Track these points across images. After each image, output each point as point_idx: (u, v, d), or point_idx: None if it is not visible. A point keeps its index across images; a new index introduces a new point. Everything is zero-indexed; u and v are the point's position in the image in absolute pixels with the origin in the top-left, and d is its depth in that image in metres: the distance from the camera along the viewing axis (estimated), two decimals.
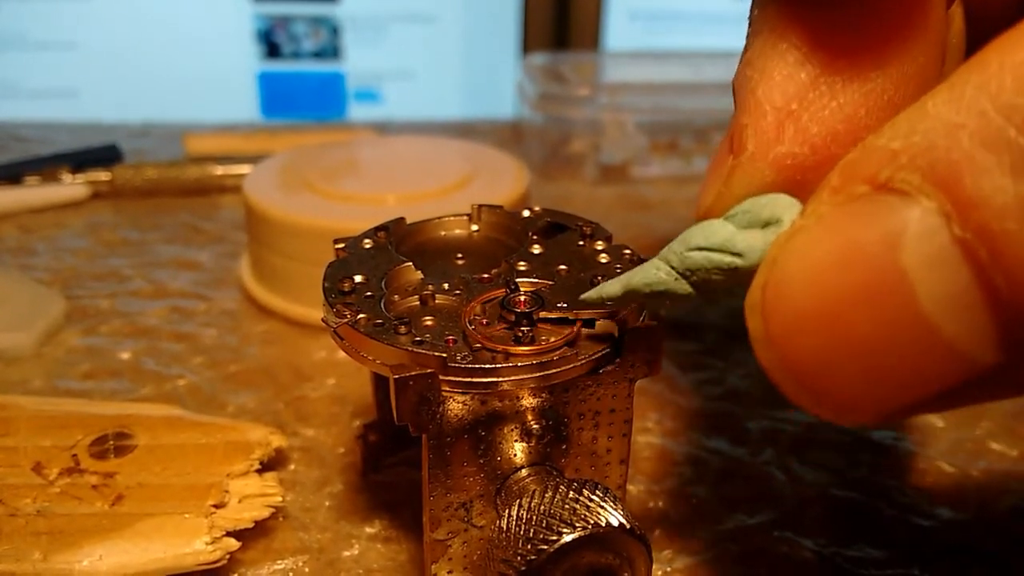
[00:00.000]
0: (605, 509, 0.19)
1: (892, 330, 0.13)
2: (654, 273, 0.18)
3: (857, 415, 0.15)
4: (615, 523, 0.19)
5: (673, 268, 0.17)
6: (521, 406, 0.20)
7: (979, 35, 0.21)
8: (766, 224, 0.16)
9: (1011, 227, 0.12)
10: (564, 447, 0.21)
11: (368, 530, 0.26)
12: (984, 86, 0.12)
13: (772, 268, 0.15)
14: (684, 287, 0.17)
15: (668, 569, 0.25)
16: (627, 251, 0.23)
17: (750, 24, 0.18)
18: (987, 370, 0.13)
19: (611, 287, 0.19)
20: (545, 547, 0.18)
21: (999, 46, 0.12)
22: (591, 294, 0.19)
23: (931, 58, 0.17)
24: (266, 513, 0.25)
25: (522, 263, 0.22)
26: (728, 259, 0.16)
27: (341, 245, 0.23)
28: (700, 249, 0.17)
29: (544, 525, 0.19)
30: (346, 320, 0.20)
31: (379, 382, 0.27)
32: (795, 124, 0.17)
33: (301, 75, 0.99)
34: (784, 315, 0.14)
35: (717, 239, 0.17)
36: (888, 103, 0.17)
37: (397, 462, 0.28)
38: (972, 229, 0.12)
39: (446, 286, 0.22)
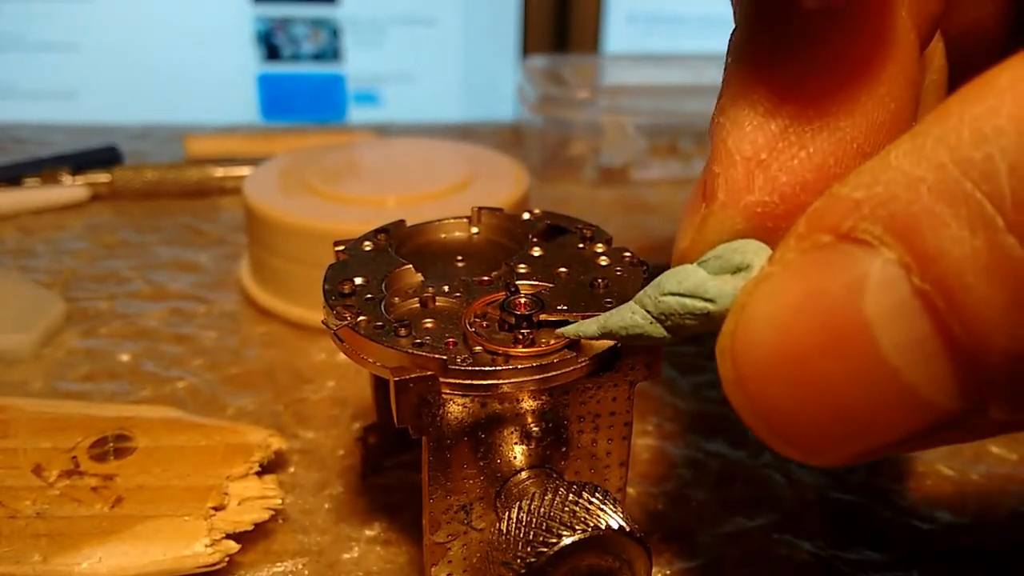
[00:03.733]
0: (605, 512, 0.19)
1: (856, 376, 0.13)
2: (630, 317, 0.18)
3: (825, 457, 0.15)
4: (615, 525, 0.19)
5: (648, 312, 0.18)
6: (521, 408, 0.20)
7: (964, 70, 0.21)
8: (737, 270, 0.17)
9: (968, 280, 0.12)
10: (564, 450, 0.21)
11: (368, 532, 0.26)
12: (944, 139, 0.12)
13: (740, 314, 0.15)
14: (659, 331, 0.18)
15: (667, 572, 0.25)
16: (627, 254, 0.23)
17: (724, 72, 0.19)
18: (950, 415, 0.13)
19: (588, 327, 0.19)
20: (545, 549, 0.18)
21: (960, 98, 0.12)
22: (569, 330, 0.20)
23: (902, 105, 0.18)
24: (266, 515, 0.25)
25: (522, 265, 0.22)
26: (700, 304, 0.17)
27: (341, 247, 0.24)
28: (673, 294, 0.17)
29: (544, 528, 0.19)
30: (346, 322, 0.20)
31: (379, 384, 0.27)
32: (765, 173, 0.18)
33: (301, 77, 0.99)
34: (752, 360, 0.15)
35: (689, 284, 0.17)
36: (858, 151, 0.17)
37: (397, 464, 0.28)
38: (931, 280, 0.12)
39: (446, 288, 0.22)
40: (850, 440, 0.14)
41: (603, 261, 0.23)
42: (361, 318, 0.20)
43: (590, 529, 0.18)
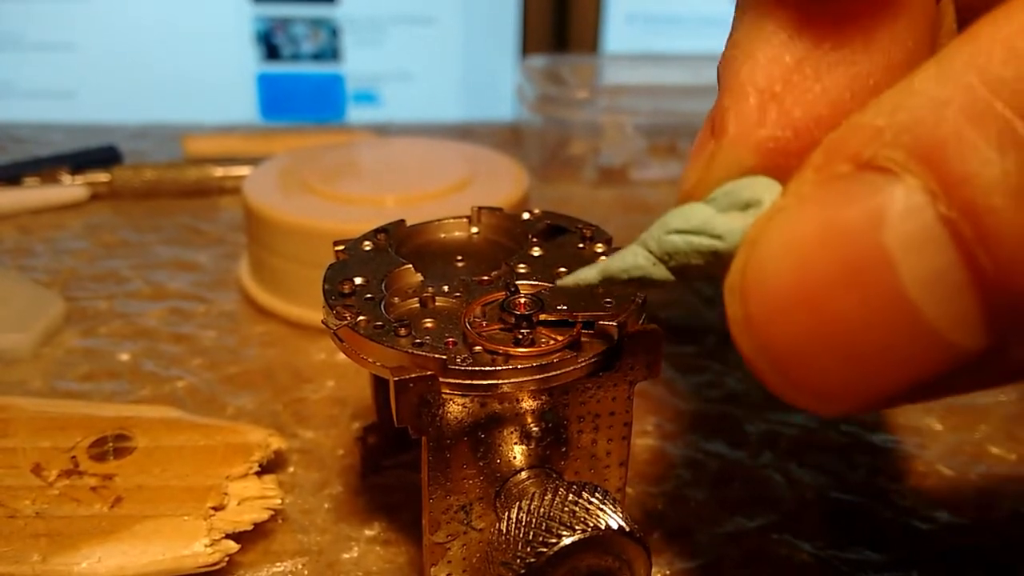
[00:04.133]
0: (604, 512, 0.19)
1: (874, 313, 0.13)
2: (632, 259, 0.17)
3: (836, 403, 0.14)
4: (614, 525, 0.19)
5: (651, 253, 0.17)
6: (521, 408, 0.20)
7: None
8: (746, 206, 0.16)
9: (998, 203, 0.11)
10: (564, 450, 0.21)
11: (367, 532, 0.26)
12: (972, 60, 0.12)
13: (752, 249, 0.14)
14: (663, 272, 0.17)
15: (667, 572, 0.25)
16: None
17: (736, 6, 0.18)
18: (972, 356, 0.13)
19: (588, 272, 0.18)
20: (544, 549, 0.18)
21: (990, 20, 0.12)
22: (567, 280, 0.19)
23: (919, 44, 0.17)
24: (265, 515, 0.25)
25: (522, 265, 0.22)
26: (707, 242, 0.16)
27: (341, 247, 0.24)
28: (679, 232, 0.16)
29: (543, 528, 0.19)
30: (346, 322, 0.20)
31: (379, 384, 0.27)
32: (778, 107, 0.17)
33: (300, 77, 0.99)
34: (764, 296, 0.14)
35: (696, 221, 0.16)
36: (874, 88, 0.17)
37: (396, 464, 0.28)
38: (958, 206, 0.12)
39: (446, 288, 0.22)
40: (863, 384, 0.14)
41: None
42: (361, 318, 0.20)
43: (590, 529, 0.18)
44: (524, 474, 0.21)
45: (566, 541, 0.18)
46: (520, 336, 0.19)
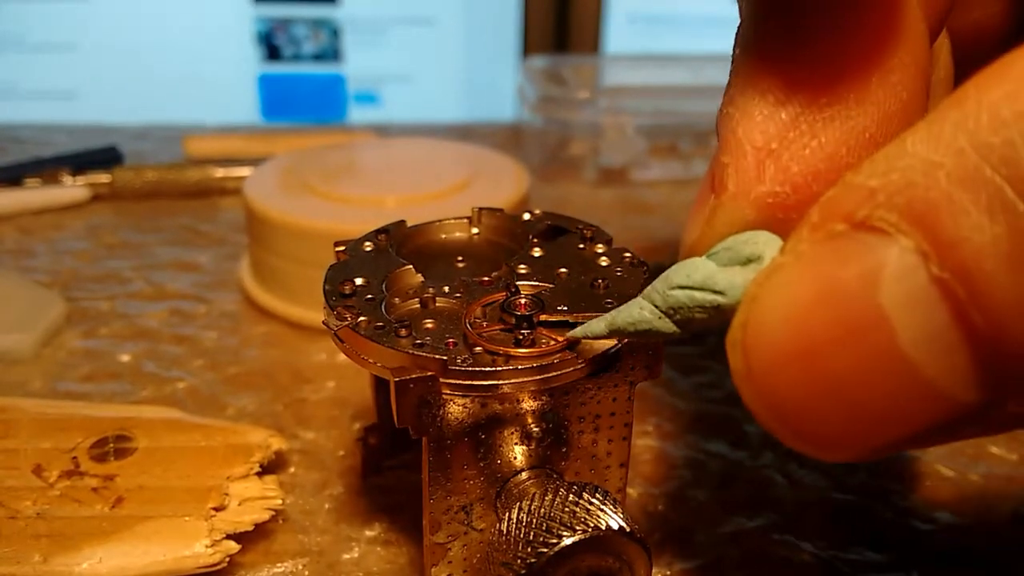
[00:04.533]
0: (605, 512, 0.19)
1: (872, 369, 0.13)
2: (638, 312, 0.18)
3: (838, 452, 0.15)
4: (615, 526, 0.19)
5: (657, 307, 0.17)
6: (521, 409, 0.20)
7: (969, 70, 0.21)
8: (747, 261, 0.16)
9: (989, 267, 0.12)
10: (564, 450, 0.21)
11: (368, 533, 0.26)
12: (962, 124, 0.12)
13: (752, 305, 0.15)
14: (668, 326, 0.17)
15: (668, 572, 0.25)
16: (627, 254, 0.23)
17: (732, 62, 0.18)
18: (969, 408, 0.13)
19: (596, 326, 0.19)
20: (545, 550, 0.18)
21: (977, 83, 0.12)
22: (576, 332, 0.19)
23: (914, 95, 0.17)
24: (266, 516, 0.25)
25: (522, 266, 0.22)
26: (710, 297, 0.16)
27: (341, 248, 0.24)
28: (682, 288, 0.17)
29: (544, 528, 0.19)
30: (347, 323, 0.20)
31: (379, 385, 0.27)
32: (776, 163, 0.17)
33: (301, 77, 0.99)
34: (764, 352, 0.14)
35: (698, 277, 0.17)
36: (870, 141, 0.17)
37: (397, 465, 0.28)
38: (950, 269, 0.12)
39: (447, 289, 0.22)
40: (865, 435, 0.14)
41: (603, 261, 0.23)
42: (361, 318, 0.20)
43: (590, 529, 0.18)
44: (525, 474, 0.21)
45: (567, 541, 0.18)
46: (521, 337, 0.19)
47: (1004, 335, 0.12)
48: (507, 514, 0.19)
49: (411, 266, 0.22)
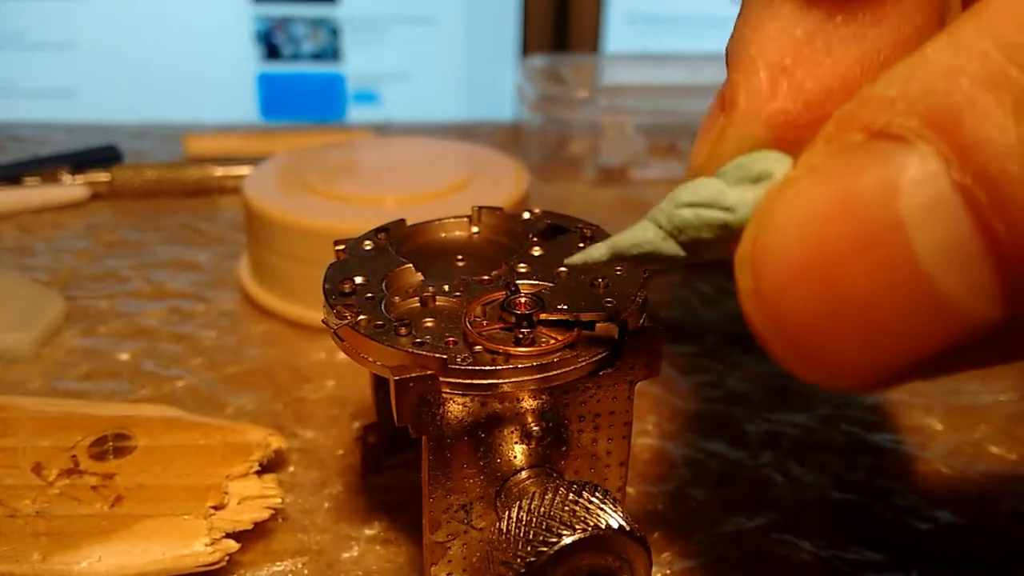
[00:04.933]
0: (605, 511, 0.19)
1: (888, 283, 0.13)
2: (641, 233, 0.17)
3: (849, 378, 0.14)
4: (615, 525, 0.19)
5: (661, 227, 0.17)
6: (521, 408, 0.20)
7: None
8: (757, 179, 0.16)
9: (1013, 169, 0.11)
10: (564, 449, 0.21)
11: (367, 532, 0.26)
12: (984, 27, 0.12)
13: (763, 220, 0.14)
14: (673, 247, 0.17)
15: (667, 572, 0.25)
16: None
17: None
18: (987, 326, 0.13)
19: (597, 250, 0.18)
20: (545, 549, 0.18)
21: None
22: (576, 258, 0.19)
23: (928, 21, 0.17)
24: (265, 515, 0.25)
25: (522, 265, 0.22)
26: (718, 215, 0.16)
27: (341, 246, 0.24)
28: (689, 205, 0.16)
29: (544, 527, 0.19)
30: (346, 321, 0.20)
31: (379, 384, 0.27)
32: (789, 80, 0.17)
33: (301, 76, 0.99)
34: (775, 268, 0.14)
35: (706, 194, 0.16)
36: (884, 62, 0.17)
37: (396, 464, 0.28)
38: (972, 173, 0.12)
39: (446, 288, 0.22)
40: (877, 357, 0.13)
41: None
42: (361, 317, 0.20)
43: (590, 528, 0.18)
44: (524, 473, 0.21)
45: (566, 540, 0.18)
46: (520, 335, 0.19)
47: None
48: (507, 513, 0.19)
49: (411, 265, 0.22)
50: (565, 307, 0.20)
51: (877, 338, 0.13)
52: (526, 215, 0.25)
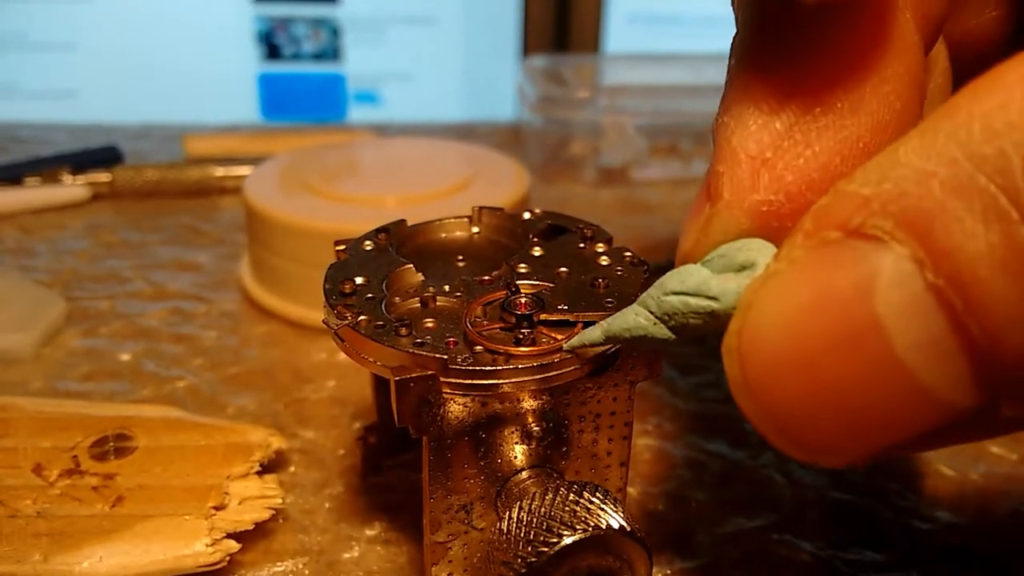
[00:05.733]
0: (605, 511, 0.19)
1: (868, 376, 0.13)
2: (633, 319, 0.18)
3: (836, 458, 0.15)
4: (615, 525, 0.19)
5: (652, 313, 0.18)
6: (521, 408, 0.20)
7: (967, 76, 0.21)
8: (741, 268, 0.17)
9: (984, 274, 0.12)
10: (564, 449, 0.21)
11: (368, 532, 0.26)
12: (954, 135, 0.12)
13: (747, 312, 0.15)
14: (663, 332, 0.18)
15: (668, 572, 0.25)
16: (627, 253, 0.23)
17: (728, 72, 0.19)
18: (966, 413, 0.13)
19: (592, 333, 0.19)
20: (545, 549, 0.18)
21: (968, 93, 0.12)
22: (573, 342, 0.19)
23: (908, 104, 0.18)
24: (266, 515, 0.25)
25: (523, 265, 0.22)
26: (704, 303, 0.17)
27: (342, 247, 0.24)
28: (676, 294, 0.17)
29: (544, 527, 0.19)
30: (347, 322, 0.20)
31: (379, 384, 0.27)
32: (770, 172, 0.17)
33: (301, 77, 0.99)
34: (759, 360, 0.14)
35: (692, 283, 0.17)
36: (863, 150, 0.17)
37: (397, 464, 0.28)
38: (945, 276, 0.12)
39: (447, 288, 0.22)
40: (861, 441, 0.14)
41: (604, 261, 0.23)
42: (362, 317, 0.20)
43: (590, 529, 0.18)
44: (525, 474, 0.21)
45: (567, 541, 0.18)
46: (521, 336, 0.19)
47: (1000, 342, 0.12)
48: (507, 513, 0.19)
49: (411, 265, 0.22)
50: (565, 307, 0.20)
51: (860, 425, 0.14)
52: (526, 215, 0.25)
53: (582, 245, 0.24)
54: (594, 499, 0.19)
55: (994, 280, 0.12)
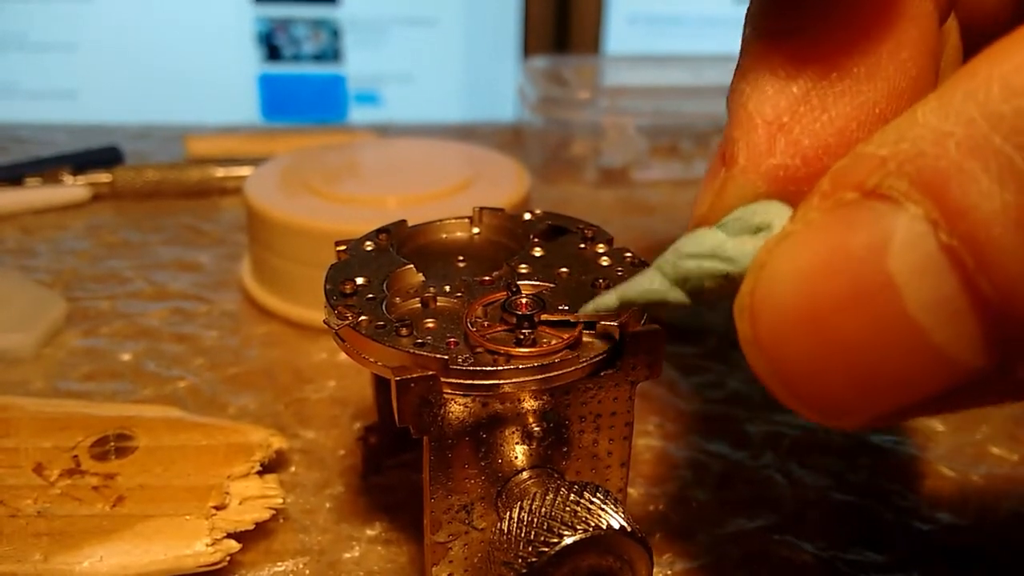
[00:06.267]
0: (606, 511, 0.19)
1: (880, 335, 0.13)
2: (648, 283, 0.18)
3: (844, 418, 0.15)
4: (616, 525, 0.19)
5: (667, 277, 0.17)
6: (522, 408, 0.20)
7: (976, 50, 0.21)
8: (757, 230, 0.17)
9: (997, 234, 0.12)
10: (565, 450, 0.21)
11: (369, 532, 0.26)
12: (972, 94, 0.12)
13: (760, 272, 0.15)
14: (679, 295, 0.17)
15: (668, 572, 0.25)
16: (628, 254, 0.23)
17: (743, 39, 0.19)
18: (977, 374, 0.13)
19: (607, 299, 0.19)
20: (546, 549, 0.18)
21: (988, 56, 0.12)
22: (588, 307, 0.19)
23: (923, 71, 0.18)
24: (267, 515, 0.25)
25: (523, 266, 0.22)
26: (719, 265, 0.17)
27: (342, 247, 0.24)
28: (692, 256, 0.17)
29: (545, 527, 0.19)
30: (348, 322, 0.20)
31: (380, 384, 0.27)
32: (786, 136, 0.17)
33: (302, 78, 0.99)
34: (772, 319, 0.14)
35: (707, 246, 0.17)
36: (879, 116, 0.17)
37: (397, 464, 0.28)
38: (958, 236, 0.12)
39: (447, 288, 0.22)
40: (871, 401, 0.14)
41: (604, 261, 0.23)
42: (362, 318, 0.20)
43: (591, 529, 0.18)
44: (525, 474, 0.21)
45: (567, 541, 0.18)
46: (522, 336, 0.19)
47: (1012, 301, 0.12)
48: (508, 513, 0.19)
49: (412, 265, 0.22)
50: (566, 308, 0.20)
51: (871, 385, 0.14)
52: (527, 216, 0.25)
53: (583, 246, 0.24)
54: (595, 499, 0.19)
55: (1007, 240, 0.12)
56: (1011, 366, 0.13)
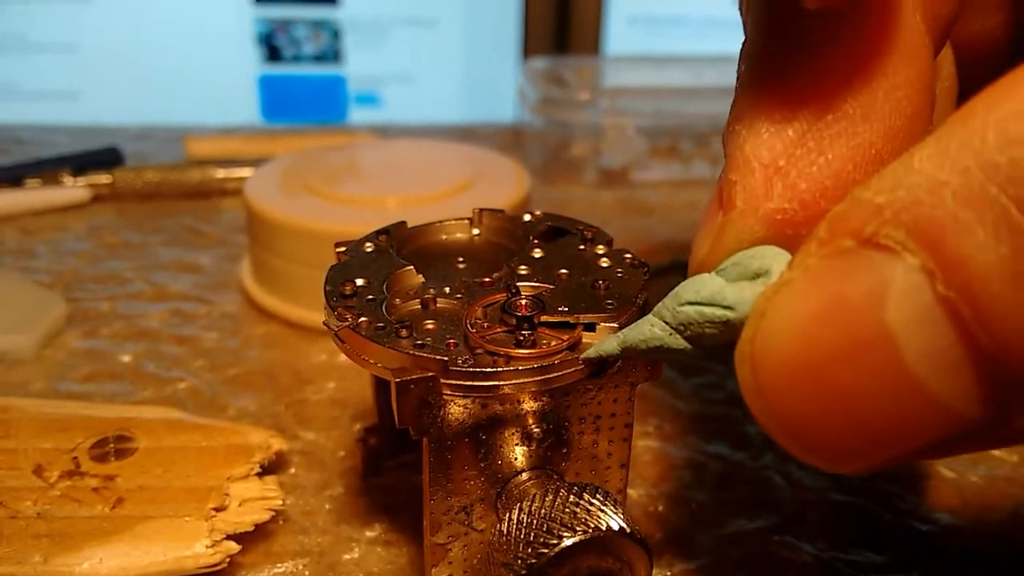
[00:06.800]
0: (605, 513, 0.19)
1: (878, 385, 0.13)
2: (649, 329, 0.18)
3: (846, 465, 0.15)
4: (615, 527, 0.19)
5: (667, 323, 0.18)
6: (522, 410, 0.20)
7: (971, 80, 0.21)
8: (755, 276, 0.17)
9: (994, 287, 0.12)
10: (565, 451, 0.21)
11: (368, 533, 0.26)
12: (967, 143, 0.12)
13: (760, 320, 0.15)
14: (679, 342, 0.18)
15: (668, 573, 0.25)
16: (628, 255, 0.23)
17: (737, 79, 0.18)
18: (975, 423, 0.13)
19: (608, 344, 0.19)
20: (545, 551, 0.18)
21: (984, 99, 0.12)
22: (590, 352, 0.19)
23: (919, 109, 0.17)
24: (266, 516, 0.25)
25: (523, 267, 0.22)
26: (719, 312, 0.17)
27: (342, 248, 0.24)
28: (691, 304, 0.17)
29: (544, 529, 0.19)
30: (347, 323, 0.20)
31: (380, 385, 0.27)
32: (783, 180, 0.17)
33: (302, 78, 0.99)
34: (771, 368, 0.14)
35: (706, 292, 0.17)
36: (876, 157, 0.17)
37: (397, 465, 0.28)
38: (955, 288, 0.12)
39: (447, 290, 0.22)
40: (872, 449, 0.14)
41: (604, 263, 0.23)
42: (362, 319, 0.20)
43: (591, 530, 0.18)
44: (525, 475, 0.21)
45: (567, 542, 0.18)
46: (521, 337, 0.19)
47: (1009, 353, 0.12)
48: (507, 515, 0.19)
49: (412, 267, 0.22)
50: (566, 309, 0.20)
51: (869, 433, 0.14)
52: (527, 217, 0.25)
53: (582, 247, 0.24)
54: (594, 500, 0.19)
55: (1004, 292, 0.12)
56: (1008, 415, 0.13)
